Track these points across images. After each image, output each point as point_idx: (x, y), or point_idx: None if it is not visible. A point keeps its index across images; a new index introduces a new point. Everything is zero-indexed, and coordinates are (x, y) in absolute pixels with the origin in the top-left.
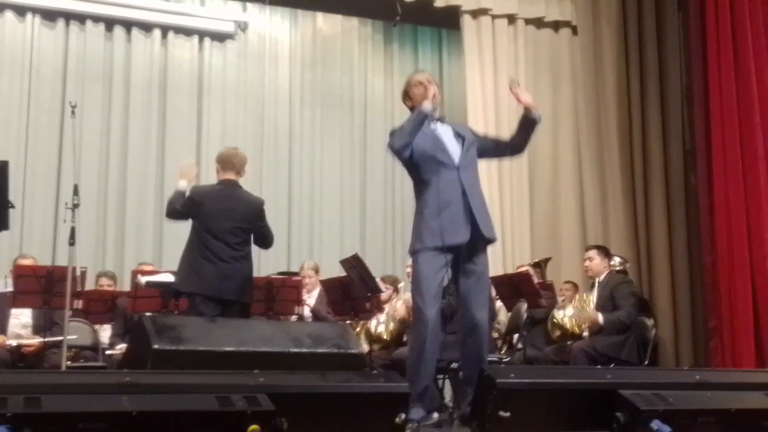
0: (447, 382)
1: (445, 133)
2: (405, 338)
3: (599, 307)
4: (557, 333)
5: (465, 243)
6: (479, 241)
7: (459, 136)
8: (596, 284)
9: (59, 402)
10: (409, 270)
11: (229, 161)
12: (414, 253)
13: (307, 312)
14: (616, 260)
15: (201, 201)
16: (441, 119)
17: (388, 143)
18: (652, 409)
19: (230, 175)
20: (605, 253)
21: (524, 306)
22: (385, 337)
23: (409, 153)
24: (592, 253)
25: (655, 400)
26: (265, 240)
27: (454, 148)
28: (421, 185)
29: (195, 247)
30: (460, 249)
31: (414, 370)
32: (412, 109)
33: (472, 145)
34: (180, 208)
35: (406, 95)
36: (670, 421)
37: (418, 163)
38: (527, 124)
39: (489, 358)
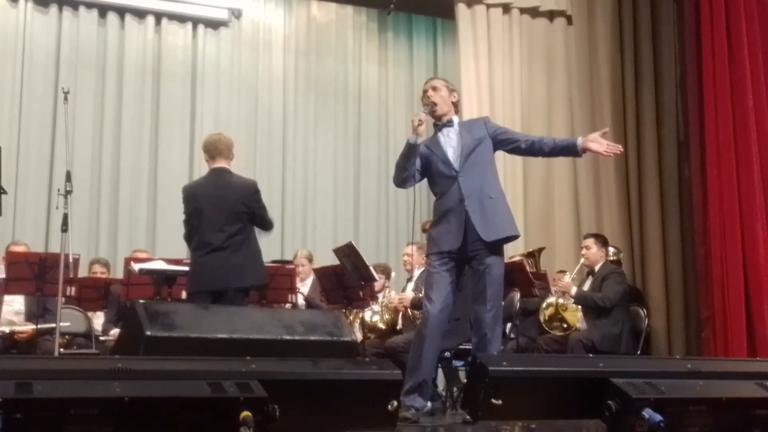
0: (440, 371)
1: (449, 139)
2: (399, 326)
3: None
4: (549, 312)
5: (457, 248)
6: (480, 243)
7: (462, 137)
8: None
9: (51, 387)
10: (405, 258)
11: (215, 148)
12: (426, 256)
13: (301, 300)
14: (610, 250)
15: (192, 196)
16: (448, 123)
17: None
18: (643, 397)
19: (220, 163)
20: (603, 242)
21: (517, 295)
22: (380, 326)
23: (414, 182)
24: (590, 242)
25: (646, 389)
26: (264, 222)
27: (455, 155)
28: (434, 195)
29: (196, 244)
30: (464, 251)
31: (416, 363)
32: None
33: (481, 143)
34: (184, 220)
35: (422, 98)
36: (661, 410)
37: (427, 176)
38: (571, 153)
39: None
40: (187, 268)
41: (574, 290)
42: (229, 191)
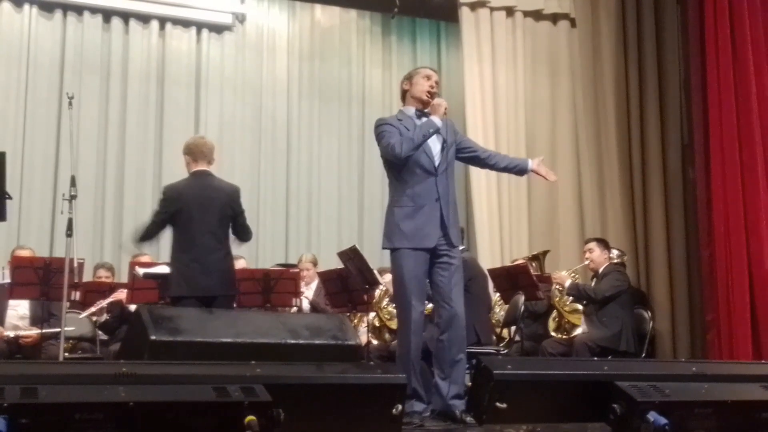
0: None
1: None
2: None
3: None
4: (553, 325)
5: (432, 247)
6: (447, 243)
7: (441, 136)
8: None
9: (56, 392)
10: None
11: (199, 151)
12: (391, 252)
13: (305, 304)
14: (614, 253)
15: (177, 197)
16: (428, 115)
17: (390, 147)
18: (648, 400)
19: (202, 166)
20: (605, 245)
21: (521, 298)
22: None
23: None
24: (592, 245)
25: (651, 392)
26: (245, 228)
27: (436, 152)
28: (397, 184)
29: (179, 247)
30: (435, 250)
31: (405, 368)
32: (404, 94)
33: (452, 146)
34: (155, 216)
35: (409, 80)
36: (666, 413)
37: (406, 158)
38: (519, 173)
39: (486, 350)
40: None
41: (568, 283)
42: (216, 194)
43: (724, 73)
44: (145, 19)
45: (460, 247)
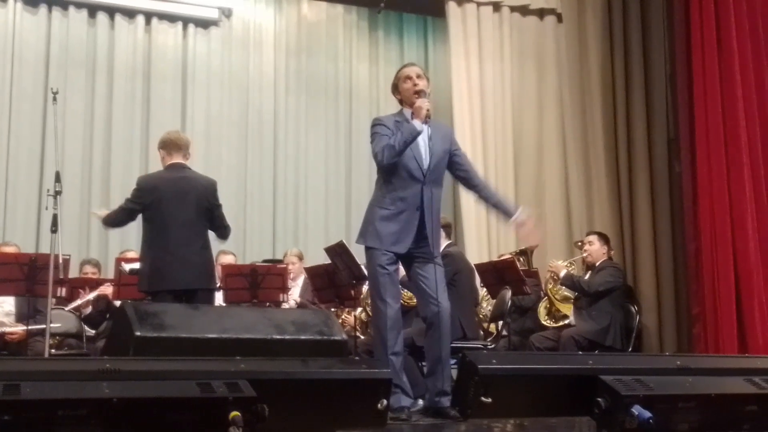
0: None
1: (423, 139)
2: None
3: None
4: (543, 312)
5: (402, 253)
6: (426, 246)
7: (434, 143)
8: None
9: (39, 389)
10: None
11: (174, 144)
12: (366, 249)
13: (293, 304)
14: None
15: (152, 188)
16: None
17: (374, 153)
18: (632, 394)
19: (178, 159)
20: (605, 239)
21: (509, 293)
22: None
23: None
24: (593, 238)
25: (636, 386)
26: (224, 222)
27: (426, 160)
28: (383, 184)
29: (153, 240)
30: (408, 253)
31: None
32: (401, 101)
33: (446, 156)
34: (125, 205)
35: (396, 89)
36: (650, 407)
37: (389, 165)
38: (501, 216)
39: (473, 345)
40: None
41: (563, 273)
42: (192, 186)
43: (709, 68)
44: (130, 14)
45: (446, 242)
